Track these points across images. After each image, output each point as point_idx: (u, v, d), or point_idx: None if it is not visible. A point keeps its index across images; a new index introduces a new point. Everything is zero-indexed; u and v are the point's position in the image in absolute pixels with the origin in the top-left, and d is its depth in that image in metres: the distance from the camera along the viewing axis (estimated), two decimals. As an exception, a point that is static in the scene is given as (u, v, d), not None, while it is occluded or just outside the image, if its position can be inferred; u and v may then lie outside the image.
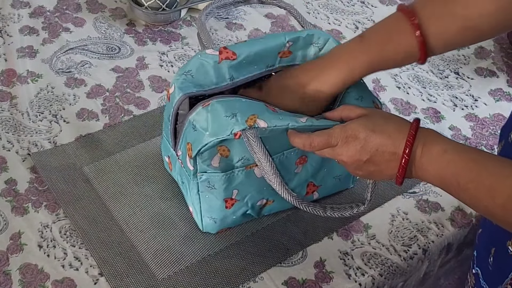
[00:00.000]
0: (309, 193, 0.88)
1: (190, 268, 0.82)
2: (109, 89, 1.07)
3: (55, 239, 0.84)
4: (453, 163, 0.65)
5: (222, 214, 0.83)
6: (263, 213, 0.88)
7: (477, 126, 1.09)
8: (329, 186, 0.90)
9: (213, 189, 0.80)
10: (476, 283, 0.79)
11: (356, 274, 0.84)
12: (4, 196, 0.88)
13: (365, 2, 1.36)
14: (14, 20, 1.19)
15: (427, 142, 0.67)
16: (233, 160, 0.78)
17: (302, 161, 0.83)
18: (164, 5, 1.19)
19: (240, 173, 0.79)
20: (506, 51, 1.26)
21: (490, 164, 0.64)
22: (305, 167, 0.84)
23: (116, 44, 1.16)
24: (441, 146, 0.67)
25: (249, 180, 0.81)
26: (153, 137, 0.99)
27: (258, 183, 0.81)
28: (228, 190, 0.81)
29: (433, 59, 1.22)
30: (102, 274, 0.80)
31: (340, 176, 0.90)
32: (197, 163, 0.78)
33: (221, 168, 0.78)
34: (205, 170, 0.78)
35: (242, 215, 0.85)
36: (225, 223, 0.85)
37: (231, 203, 0.82)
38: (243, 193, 0.82)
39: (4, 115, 1.00)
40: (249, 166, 0.79)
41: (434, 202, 0.95)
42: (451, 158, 0.65)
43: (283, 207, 0.88)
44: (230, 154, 0.77)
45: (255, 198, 0.84)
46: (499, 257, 0.74)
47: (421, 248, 0.89)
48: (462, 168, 0.65)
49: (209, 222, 0.84)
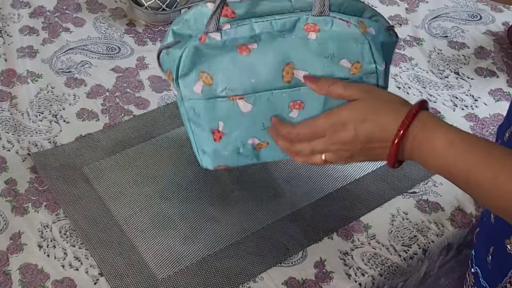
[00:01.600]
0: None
1: (190, 268, 0.82)
2: (109, 89, 1.07)
3: (55, 239, 0.84)
4: (462, 157, 0.60)
5: (212, 147, 0.81)
6: (262, 158, 0.83)
7: (477, 126, 1.09)
8: None
9: (199, 118, 0.79)
10: (476, 282, 0.79)
11: (356, 274, 0.84)
12: (4, 196, 0.88)
13: (365, 2, 1.36)
14: (14, 20, 1.19)
15: (427, 130, 0.62)
16: (217, 90, 0.76)
17: (298, 105, 0.78)
18: (164, 5, 1.19)
19: (224, 103, 0.77)
20: (506, 51, 1.26)
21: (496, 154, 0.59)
22: (302, 113, 0.78)
23: (116, 44, 1.17)
24: (446, 136, 0.61)
25: (233, 113, 0.78)
26: (153, 137, 0.99)
27: (245, 119, 0.78)
28: (214, 121, 0.79)
29: (433, 59, 1.22)
30: (102, 274, 0.80)
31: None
32: (180, 87, 0.77)
33: (204, 95, 0.77)
34: (188, 96, 0.77)
35: (237, 153, 0.82)
36: (219, 158, 0.82)
37: (219, 135, 0.80)
38: (229, 127, 0.79)
39: (4, 115, 1.00)
40: (232, 97, 0.77)
41: (434, 202, 0.95)
42: (459, 152, 0.60)
43: (282, 155, 0.82)
44: (213, 82, 0.76)
45: (244, 135, 0.80)
46: (498, 256, 0.74)
47: (421, 248, 0.89)
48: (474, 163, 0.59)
49: (204, 156, 0.82)
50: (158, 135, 0.99)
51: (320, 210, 0.91)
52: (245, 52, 0.75)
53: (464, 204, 0.95)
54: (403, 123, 0.63)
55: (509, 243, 0.72)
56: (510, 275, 0.72)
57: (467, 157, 0.60)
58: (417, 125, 0.63)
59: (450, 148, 0.61)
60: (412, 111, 0.63)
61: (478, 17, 1.35)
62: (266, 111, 0.78)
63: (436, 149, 0.62)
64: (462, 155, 0.60)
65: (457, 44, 1.27)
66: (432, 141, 0.62)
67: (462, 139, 0.61)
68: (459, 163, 0.60)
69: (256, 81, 0.75)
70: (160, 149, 0.96)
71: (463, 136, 0.62)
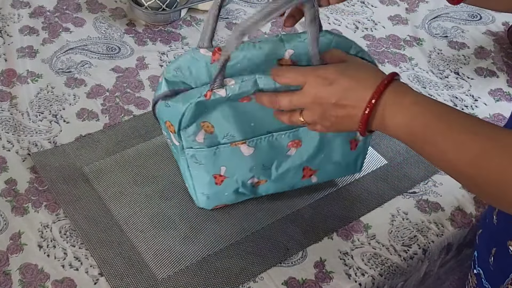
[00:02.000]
0: (306, 177, 0.88)
1: (190, 268, 0.82)
2: (109, 89, 1.07)
3: (55, 239, 0.84)
4: (422, 114, 0.64)
5: (213, 190, 0.84)
6: (260, 193, 0.88)
7: (477, 126, 1.09)
8: (328, 171, 0.89)
9: (201, 165, 0.81)
10: (478, 283, 0.79)
11: (356, 274, 0.84)
12: (4, 196, 0.88)
13: (365, 2, 1.36)
14: (14, 20, 1.19)
15: (399, 93, 0.66)
16: (218, 137, 0.79)
17: (296, 144, 0.83)
18: (164, 5, 1.19)
19: (226, 149, 0.80)
20: (506, 51, 1.26)
21: (461, 119, 0.63)
22: (299, 151, 0.84)
23: (116, 44, 1.17)
24: (413, 98, 0.66)
25: (235, 157, 0.81)
26: (153, 137, 0.99)
27: (246, 161, 0.82)
28: (216, 166, 0.81)
29: (433, 59, 1.22)
30: (102, 274, 0.80)
31: (341, 162, 0.88)
32: (182, 139, 0.79)
33: (206, 143, 0.79)
34: (190, 145, 0.79)
35: (235, 192, 0.85)
36: (218, 199, 0.86)
37: (221, 179, 0.83)
38: (231, 170, 0.82)
39: (4, 115, 1.00)
40: (235, 143, 0.80)
41: (434, 202, 0.95)
42: (421, 110, 0.65)
43: (280, 188, 0.88)
44: (214, 130, 0.78)
45: (245, 176, 0.84)
46: (500, 257, 0.74)
47: (421, 248, 0.89)
48: (431, 119, 0.64)
49: (202, 197, 0.85)
50: (158, 135, 0.99)
51: (320, 210, 0.91)
52: (245, 100, 0.77)
53: (464, 204, 0.95)
54: (376, 91, 0.67)
55: (511, 245, 0.72)
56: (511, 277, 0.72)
57: (426, 114, 0.64)
58: (389, 95, 0.67)
59: (414, 106, 0.65)
60: (384, 82, 0.67)
61: (478, 17, 1.35)
62: (266, 152, 0.82)
63: (402, 107, 0.66)
64: (422, 113, 0.65)
65: (457, 44, 1.27)
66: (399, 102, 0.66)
67: (425, 99, 0.66)
68: (419, 119, 0.64)
69: (256, 124, 0.78)
70: (160, 149, 0.96)
71: (427, 98, 0.67)
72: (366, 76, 0.69)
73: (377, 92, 0.66)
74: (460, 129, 0.62)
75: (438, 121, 0.63)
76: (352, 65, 0.72)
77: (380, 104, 0.67)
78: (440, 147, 0.63)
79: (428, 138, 0.63)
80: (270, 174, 0.85)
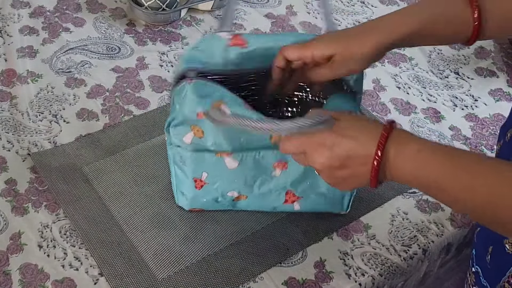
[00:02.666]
0: (288, 202, 0.86)
1: (190, 268, 0.82)
2: (109, 89, 1.07)
3: (55, 239, 0.84)
4: (427, 162, 0.64)
5: (192, 193, 0.84)
6: (239, 207, 0.88)
7: (477, 126, 1.09)
8: (312, 200, 0.86)
9: (184, 165, 0.82)
10: (477, 281, 0.79)
11: (356, 274, 0.84)
12: (4, 196, 0.88)
13: (365, 2, 1.36)
14: (14, 20, 1.19)
15: (401, 143, 0.65)
16: (206, 143, 0.79)
17: (281, 166, 0.82)
18: (164, 5, 1.19)
19: (210, 157, 0.80)
20: (506, 51, 1.26)
21: (466, 161, 0.63)
22: (284, 173, 0.83)
23: (116, 44, 1.17)
24: (415, 146, 0.65)
25: (219, 167, 0.81)
26: (153, 137, 0.99)
27: (229, 173, 0.82)
28: (197, 170, 0.82)
29: (433, 59, 1.22)
30: (102, 274, 0.80)
31: (326, 195, 0.86)
32: (170, 134, 0.80)
33: (192, 146, 0.80)
34: (177, 143, 0.80)
35: (214, 201, 0.85)
36: (196, 203, 0.86)
37: (201, 184, 0.83)
38: (212, 178, 0.83)
39: (4, 115, 1.00)
40: (220, 153, 0.80)
41: (434, 202, 0.95)
42: (425, 158, 0.64)
43: (259, 207, 0.87)
44: (204, 135, 0.78)
45: (225, 187, 0.84)
46: (497, 256, 0.74)
47: (421, 248, 0.89)
48: (437, 167, 0.63)
49: (181, 197, 0.86)
50: (158, 135, 0.99)
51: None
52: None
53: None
54: (378, 146, 0.65)
55: (507, 243, 0.72)
56: (508, 275, 0.72)
57: (431, 162, 0.63)
58: (392, 146, 0.65)
59: (418, 155, 0.64)
60: (384, 135, 0.65)
61: (478, 17, 1.35)
62: (250, 169, 0.82)
63: (406, 158, 0.65)
64: (427, 161, 0.64)
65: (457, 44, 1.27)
66: (403, 151, 0.65)
67: (428, 146, 0.65)
68: (426, 168, 0.64)
69: (245, 140, 0.79)
70: (160, 149, 0.96)
71: (429, 144, 0.65)
72: (364, 131, 0.67)
73: (379, 148, 0.65)
74: (466, 175, 0.62)
75: (444, 170, 0.63)
76: (345, 123, 0.69)
77: (384, 157, 0.66)
78: (451, 193, 0.63)
79: (439, 186, 0.63)
80: (252, 191, 0.84)
